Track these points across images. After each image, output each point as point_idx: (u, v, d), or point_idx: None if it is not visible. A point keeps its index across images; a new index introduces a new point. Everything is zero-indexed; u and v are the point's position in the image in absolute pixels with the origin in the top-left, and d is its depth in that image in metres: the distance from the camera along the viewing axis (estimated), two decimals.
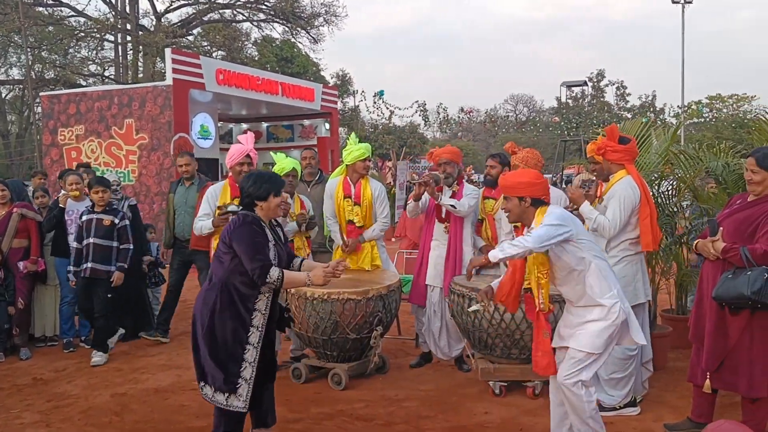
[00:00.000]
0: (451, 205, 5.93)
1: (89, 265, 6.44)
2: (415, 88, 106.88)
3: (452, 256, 6.08)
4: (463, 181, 6.25)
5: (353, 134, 6.47)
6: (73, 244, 6.65)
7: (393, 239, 15.62)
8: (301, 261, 4.34)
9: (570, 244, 3.90)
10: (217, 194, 5.75)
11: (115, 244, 6.57)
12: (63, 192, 7.05)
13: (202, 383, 4.02)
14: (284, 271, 3.88)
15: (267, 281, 3.83)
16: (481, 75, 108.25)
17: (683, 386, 5.35)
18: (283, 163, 6.16)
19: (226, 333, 3.91)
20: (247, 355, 3.94)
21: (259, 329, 3.97)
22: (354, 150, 6.20)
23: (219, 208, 5.60)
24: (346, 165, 6.30)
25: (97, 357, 6.49)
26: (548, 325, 4.05)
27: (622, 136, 5.08)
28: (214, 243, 5.66)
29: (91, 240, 6.46)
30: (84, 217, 6.54)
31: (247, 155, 5.67)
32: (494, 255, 3.90)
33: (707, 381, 4.33)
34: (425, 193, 5.91)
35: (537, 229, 3.83)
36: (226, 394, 3.93)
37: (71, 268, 6.68)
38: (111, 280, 6.47)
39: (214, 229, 5.66)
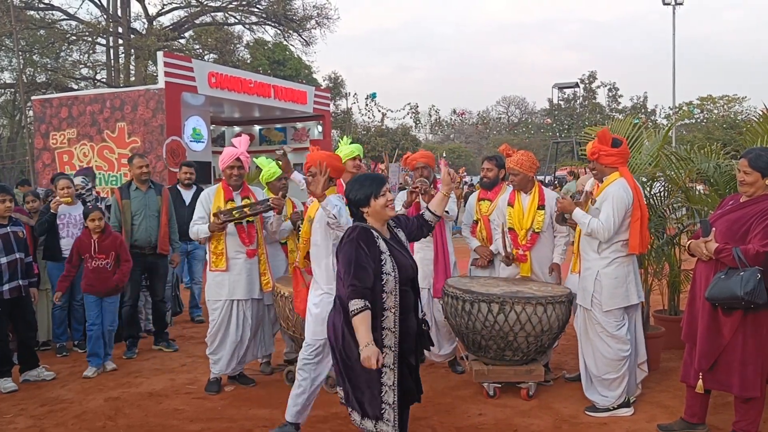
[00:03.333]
0: (445, 211, 5.98)
1: (21, 282, 5.98)
2: (405, 89, 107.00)
3: (441, 258, 6.10)
4: (438, 184, 6.31)
5: (345, 137, 6.49)
6: None
7: None
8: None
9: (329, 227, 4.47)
10: (211, 198, 5.72)
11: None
12: (56, 198, 7.00)
13: (350, 410, 3.78)
14: (366, 311, 3.42)
15: (349, 308, 3.43)
16: (472, 77, 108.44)
17: (676, 386, 5.38)
18: (271, 167, 6.17)
19: (358, 357, 3.47)
20: (385, 379, 3.57)
21: (393, 349, 3.58)
22: (344, 149, 6.25)
23: (215, 215, 5.54)
24: None
25: (9, 383, 5.91)
26: (303, 279, 4.89)
27: (615, 139, 5.08)
28: (211, 246, 5.66)
29: (17, 256, 5.95)
30: None
31: (238, 158, 5.66)
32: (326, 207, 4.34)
33: (700, 381, 4.34)
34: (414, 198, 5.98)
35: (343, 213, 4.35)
36: (374, 421, 3.62)
37: None
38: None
39: (211, 234, 5.60)
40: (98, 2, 31.73)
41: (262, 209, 5.60)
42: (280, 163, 6.29)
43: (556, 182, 27.10)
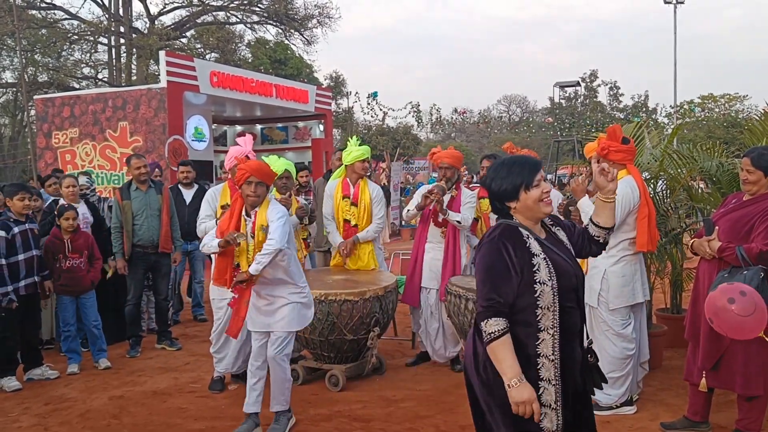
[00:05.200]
0: (457, 221, 5.99)
1: (36, 278, 6.09)
2: (406, 88, 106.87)
3: (450, 259, 6.11)
4: (461, 186, 6.29)
5: (354, 137, 6.52)
6: (1, 262, 5.82)
7: (389, 239, 15.65)
8: None
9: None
10: (217, 196, 5.73)
11: None
12: (62, 201, 7.00)
13: None
14: (507, 336, 2.65)
15: (483, 331, 2.67)
16: (472, 75, 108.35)
17: (679, 385, 5.38)
18: (276, 165, 6.17)
19: (505, 393, 2.67)
20: (545, 423, 2.68)
21: (553, 383, 2.69)
22: (353, 151, 6.28)
23: (226, 241, 5.38)
24: (346, 166, 6.38)
25: (13, 382, 5.92)
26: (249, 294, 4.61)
27: (624, 136, 5.09)
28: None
29: (34, 252, 6.06)
30: (16, 229, 5.92)
31: (246, 157, 5.67)
32: (255, 269, 4.44)
33: (703, 380, 4.35)
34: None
35: (277, 231, 4.46)
36: None
37: (8, 288, 5.82)
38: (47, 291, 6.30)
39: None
40: (100, 2, 31.71)
41: None
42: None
43: (568, 180, 26.82)
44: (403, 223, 16.39)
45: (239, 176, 4.57)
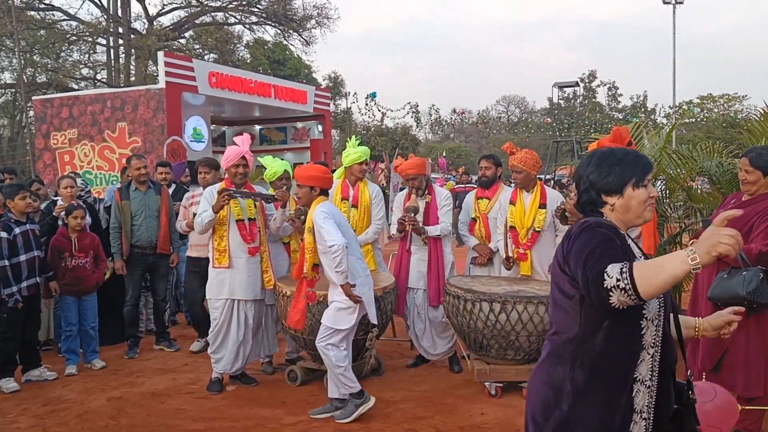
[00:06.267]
0: (437, 235, 6.11)
1: (39, 279, 6.07)
2: (406, 89, 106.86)
3: (434, 261, 6.13)
4: (433, 187, 6.31)
5: (354, 137, 6.50)
6: (5, 263, 5.80)
7: (388, 240, 15.63)
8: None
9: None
10: (214, 194, 5.72)
11: None
12: (60, 201, 6.99)
13: None
14: (636, 263, 2.02)
15: (603, 286, 2.02)
16: (471, 76, 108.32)
17: None
18: (275, 166, 6.18)
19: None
20: None
21: (644, 416, 2.22)
22: (352, 153, 6.26)
23: (219, 192, 5.55)
24: (345, 167, 6.37)
25: (12, 383, 5.90)
26: (307, 291, 5.16)
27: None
28: (214, 244, 5.69)
29: (35, 253, 6.02)
30: (17, 230, 5.89)
31: (243, 157, 5.68)
32: (338, 279, 4.87)
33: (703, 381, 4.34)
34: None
35: (329, 233, 4.81)
36: None
37: (14, 289, 5.83)
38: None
39: (215, 216, 5.57)
40: (98, 2, 31.73)
41: (266, 197, 5.72)
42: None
43: (567, 181, 26.76)
44: None
45: None
